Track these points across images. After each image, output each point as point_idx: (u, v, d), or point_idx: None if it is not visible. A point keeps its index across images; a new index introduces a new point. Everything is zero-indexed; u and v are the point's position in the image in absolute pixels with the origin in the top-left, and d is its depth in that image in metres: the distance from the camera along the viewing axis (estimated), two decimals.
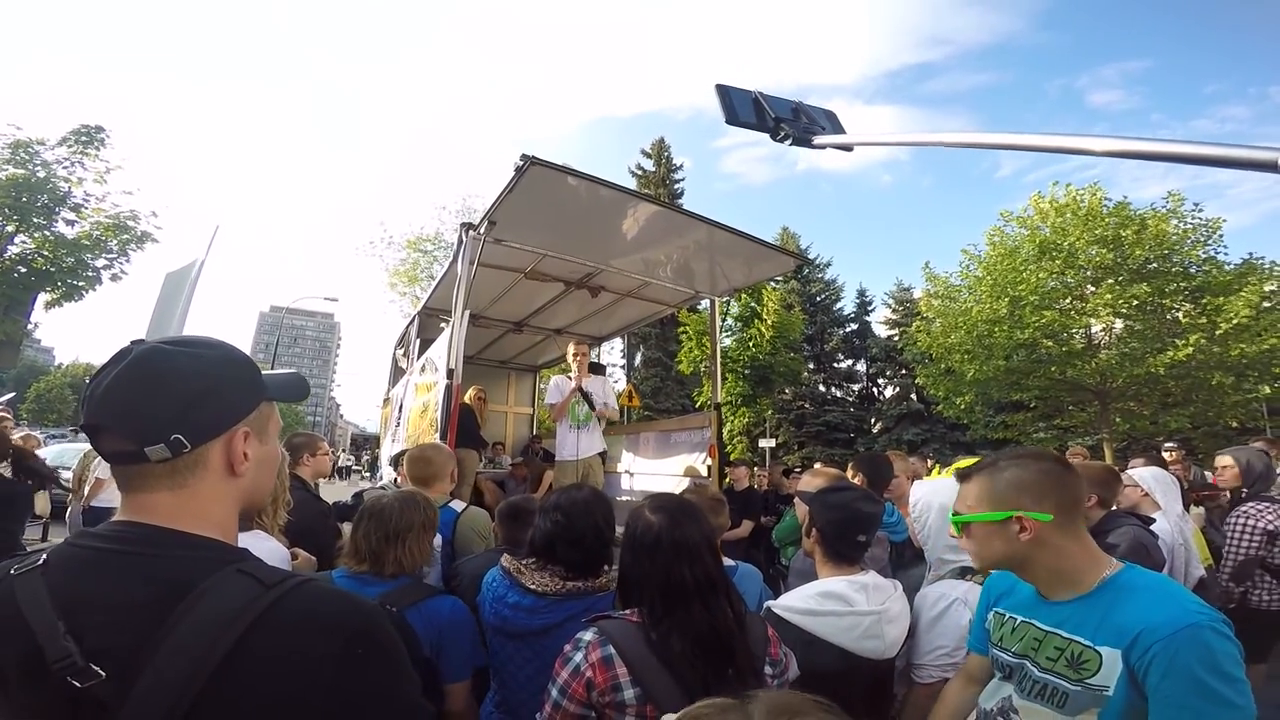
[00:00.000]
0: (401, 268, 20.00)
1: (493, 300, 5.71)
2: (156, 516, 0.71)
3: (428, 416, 4.34)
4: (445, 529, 2.49)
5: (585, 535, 1.64)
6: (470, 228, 3.93)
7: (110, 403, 0.70)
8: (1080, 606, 1.17)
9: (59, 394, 54.43)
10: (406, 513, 1.76)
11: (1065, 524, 1.20)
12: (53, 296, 10.66)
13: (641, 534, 1.33)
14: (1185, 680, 1.00)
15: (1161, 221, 13.61)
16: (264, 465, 0.82)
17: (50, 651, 0.60)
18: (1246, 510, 3.28)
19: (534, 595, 1.60)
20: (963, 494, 1.32)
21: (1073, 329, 14.93)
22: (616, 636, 1.22)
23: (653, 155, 30.77)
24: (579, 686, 1.19)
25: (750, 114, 2.23)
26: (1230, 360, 12.76)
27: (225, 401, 0.76)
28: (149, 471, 0.71)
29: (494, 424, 7.91)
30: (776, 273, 5.80)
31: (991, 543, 1.24)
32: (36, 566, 0.68)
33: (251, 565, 0.70)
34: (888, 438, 28.23)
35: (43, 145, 10.36)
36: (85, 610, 0.64)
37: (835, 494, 1.73)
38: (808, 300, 32.07)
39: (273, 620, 0.64)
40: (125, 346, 0.74)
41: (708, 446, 5.05)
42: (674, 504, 1.42)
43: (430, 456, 2.72)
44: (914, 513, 2.03)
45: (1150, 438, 14.82)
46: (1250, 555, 3.20)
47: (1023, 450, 1.40)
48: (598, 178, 3.52)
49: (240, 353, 0.82)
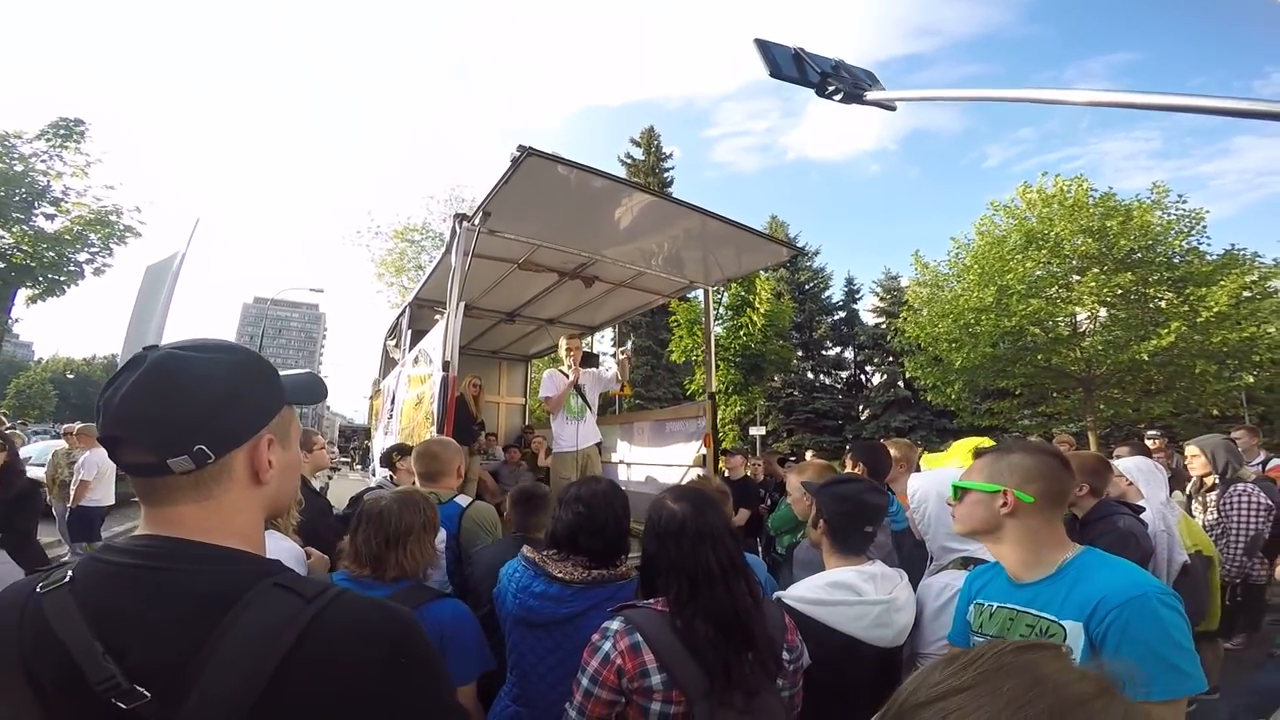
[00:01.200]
0: (389, 258, 19.86)
1: (485, 291, 5.66)
2: (183, 529, 0.69)
3: (423, 409, 4.31)
4: (450, 523, 2.48)
5: (607, 525, 1.69)
6: (464, 219, 3.88)
7: (128, 413, 0.67)
8: (1046, 586, 1.31)
9: (39, 389, 53.49)
10: (406, 515, 1.73)
11: (1043, 509, 1.34)
12: (34, 292, 10.49)
13: (667, 522, 1.39)
14: (1139, 647, 1.12)
15: (1146, 212, 13.84)
16: (287, 471, 0.80)
17: (92, 673, 0.59)
18: (1243, 489, 3.38)
19: (560, 584, 1.62)
20: (971, 467, 1.48)
21: (1058, 317, 15.16)
22: (642, 625, 1.27)
23: (642, 144, 30.65)
24: (610, 674, 1.23)
25: (793, 69, 2.15)
26: (1211, 348, 13.02)
27: (248, 408, 0.73)
28: (172, 484, 0.69)
29: (486, 415, 7.87)
30: (770, 263, 5.81)
31: (976, 509, 1.40)
32: (63, 583, 0.65)
33: (288, 577, 0.69)
34: (875, 425, 28.52)
35: (19, 139, 10.13)
36: (122, 629, 0.62)
37: (843, 486, 1.75)
38: (797, 288, 32.20)
39: (316, 635, 0.63)
40: (139, 353, 0.72)
41: (702, 436, 5.06)
42: (694, 493, 1.48)
43: (438, 452, 2.70)
44: (913, 503, 2.03)
45: (1132, 424, 15.13)
46: (1259, 530, 3.32)
47: (1035, 443, 1.55)
48: (594, 168, 3.48)
49: (259, 355, 0.80)
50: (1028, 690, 0.43)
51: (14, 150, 10.02)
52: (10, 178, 9.83)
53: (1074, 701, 0.42)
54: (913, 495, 2.01)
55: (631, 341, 26.88)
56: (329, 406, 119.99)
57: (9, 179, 9.80)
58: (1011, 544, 1.36)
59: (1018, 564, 1.36)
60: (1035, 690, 0.43)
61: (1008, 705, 0.42)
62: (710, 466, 4.93)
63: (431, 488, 2.64)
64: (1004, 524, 1.35)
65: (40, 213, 10.35)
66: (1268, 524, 3.34)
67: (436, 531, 1.90)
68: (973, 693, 0.44)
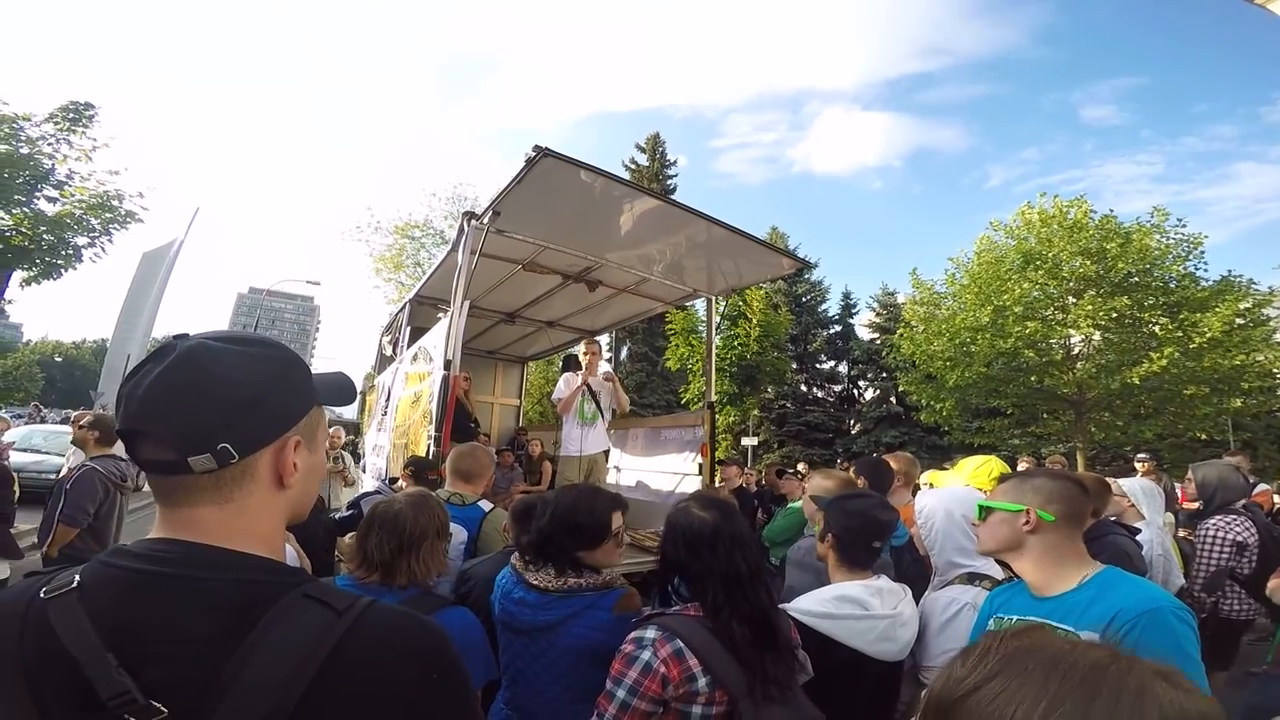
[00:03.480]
0: (388, 254, 19.77)
1: (487, 290, 5.64)
2: (202, 534, 0.65)
3: (420, 406, 4.28)
4: (472, 526, 2.57)
5: (560, 536, 1.67)
6: (473, 217, 3.86)
7: (151, 406, 0.63)
8: (1067, 600, 1.37)
9: (26, 371, 52.81)
10: (421, 519, 1.70)
11: (1063, 528, 1.42)
12: (30, 274, 10.36)
13: (699, 529, 1.43)
14: (1149, 656, 1.13)
15: (1145, 236, 13.92)
16: (311, 475, 0.75)
17: (103, 687, 0.55)
18: (1215, 523, 3.36)
19: (537, 591, 1.63)
20: (995, 490, 1.57)
21: (1053, 339, 15.24)
22: (681, 630, 1.30)
23: (647, 150, 30.72)
24: (653, 684, 1.24)
25: None
26: (1203, 373, 13.11)
27: (277, 407, 0.69)
28: (192, 484, 0.65)
29: (480, 415, 7.83)
30: (773, 275, 5.84)
31: (1000, 528, 1.48)
32: (70, 589, 0.61)
33: (317, 588, 0.66)
34: (866, 439, 28.61)
35: (28, 121, 10.00)
36: (137, 640, 0.58)
37: (854, 501, 1.76)
38: (793, 301, 32.30)
39: (350, 649, 0.60)
40: (168, 342, 0.67)
41: (700, 445, 5.05)
42: (720, 501, 1.53)
43: (479, 455, 2.85)
44: (920, 518, 2.04)
45: (1120, 447, 15.22)
46: (1221, 566, 3.28)
47: (1055, 470, 1.67)
48: (609, 172, 3.48)
49: (292, 352, 0.75)
50: (1055, 664, 0.48)
51: (21, 132, 9.87)
52: (15, 160, 9.68)
53: (1098, 666, 0.47)
54: (920, 511, 2.02)
55: (628, 348, 26.92)
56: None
57: (13, 161, 9.65)
58: (1033, 560, 1.44)
59: (1039, 579, 1.43)
60: (1062, 663, 0.48)
61: (1047, 678, 0.47)
62: (707, 476, 4.93)
63: (463, 488, 2.72)
64: (1026, 541, 1.43)
65: (43, 195, 10.20)
66: (1237, 560, 3.30)
67: (449, 538, 1.89)
68: (1004, 676, 0.49)
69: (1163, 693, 0.45)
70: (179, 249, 11.43)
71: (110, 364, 12.32)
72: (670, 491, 5.25)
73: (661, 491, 5.38)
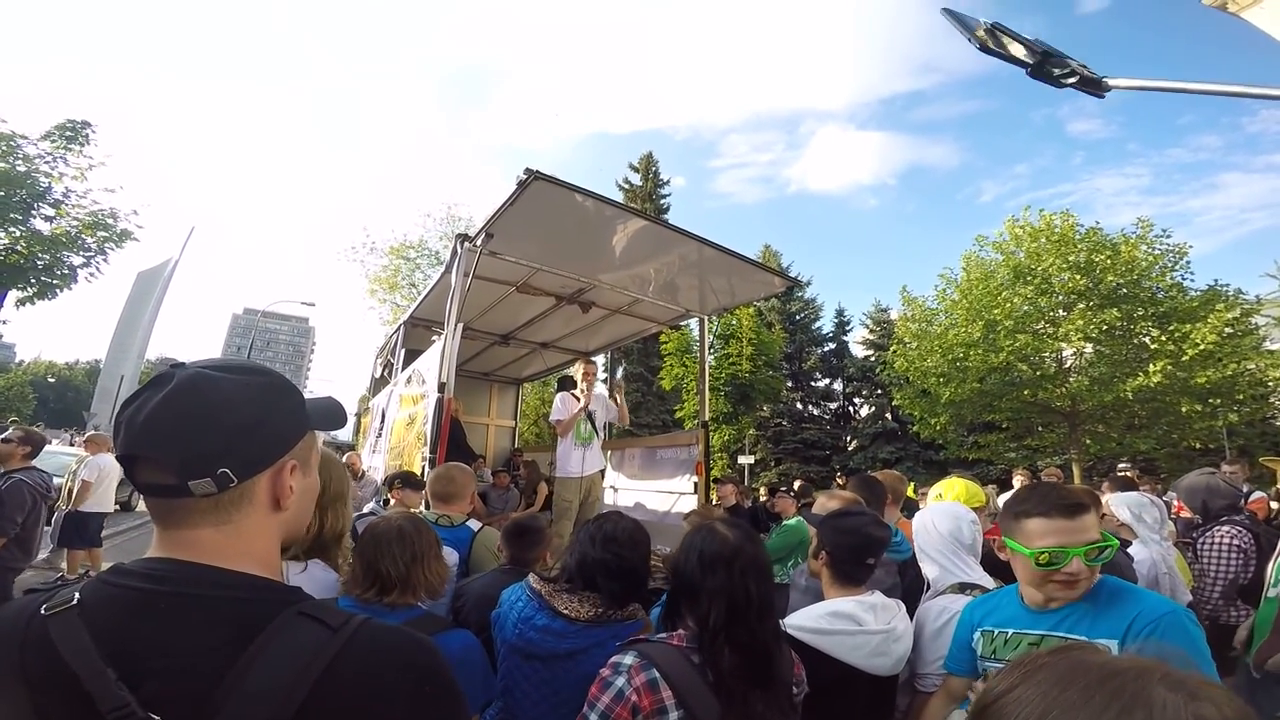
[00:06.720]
0: (383, 274, 19.84)
1: (481, 312, 5.66)
2: (200, 554, 0.67)
3: (414, 429, 4.27)
4: (462, 547, 2.50)
5: (635, 569, 1.65)
6: (466, 239, 3.90)
7: (152, 432, 0.65)
8: (1074, 609, 1.36)
9: (19, 392, 52.41)
10: (423, 529, 1.74)
11: None
12: (26, 294, 10.33)
13: (720, 546, 1.36)
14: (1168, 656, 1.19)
15: (1133, 247, 14.10)
16: (305, 497, 0.79)
17: (102, 700, 0.56)
18: (1223, 531, 3.35)
19: (564, 620, 1.58)
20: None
21: (1045, 353, 15.35)
22: (659, 660, 1.24)
23: (640, 170, 30.98)
24: (624, 711, 1.20)
25: (1000, 46, 2.20)
26: (1195, 387, 13.19)
27: (273, 433, 0.72)
28: (191, 506, 0.67)
29: (475, 436, 7.82)
30: (765, 293, 5.88)
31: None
32: (71, 605, 0.62)
33: (312, 606, 0.67)
34: (863, 456, 28.56)
35: (25, 139, 10.05)
36: (136, 656, 0.60)
37: (847, 519, 1.77)
38: (787, 319, 32.48)
39: (345, 665, 0.62)
40: (165, 371, 0.70)
41: (695, 464, 5.06)
42: (743, 524, 1.48)
43: (454, 475, 2.76)
44: (914, 534, 2.09)
45: (1116, 458, 15.25)
46: (1235, 575, 3.28)
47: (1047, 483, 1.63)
48: (599, 194, 3.52)
49: (286, 379, 0.78)
50: (1071, 672, 0.50)
51: (18, 150, 9.91)
52: (12, 178, 9.70)
53: (1113, 671, 0.48)
54: (916, 526, 2.06)
55: (623, 368, 26.91)
56: None
57: (10, 179, 9.67)
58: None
59: (1038, 597, 1.42)
60: (1078, 670, 0.50)
61: (1055, 685, 0.50)
62: (702, 495, 4.92)
63: (445, 509, 2.67)
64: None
65: (39, 214, 10.21)
66: (1245, 569, 3.29)
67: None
68: (1023, 687, 0.52)
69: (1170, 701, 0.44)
70: (174, 268, 11.42)
71: (104, 385, 12.25)
72: (667, 511, 5.24)
73: (658, 511, 5.37)
